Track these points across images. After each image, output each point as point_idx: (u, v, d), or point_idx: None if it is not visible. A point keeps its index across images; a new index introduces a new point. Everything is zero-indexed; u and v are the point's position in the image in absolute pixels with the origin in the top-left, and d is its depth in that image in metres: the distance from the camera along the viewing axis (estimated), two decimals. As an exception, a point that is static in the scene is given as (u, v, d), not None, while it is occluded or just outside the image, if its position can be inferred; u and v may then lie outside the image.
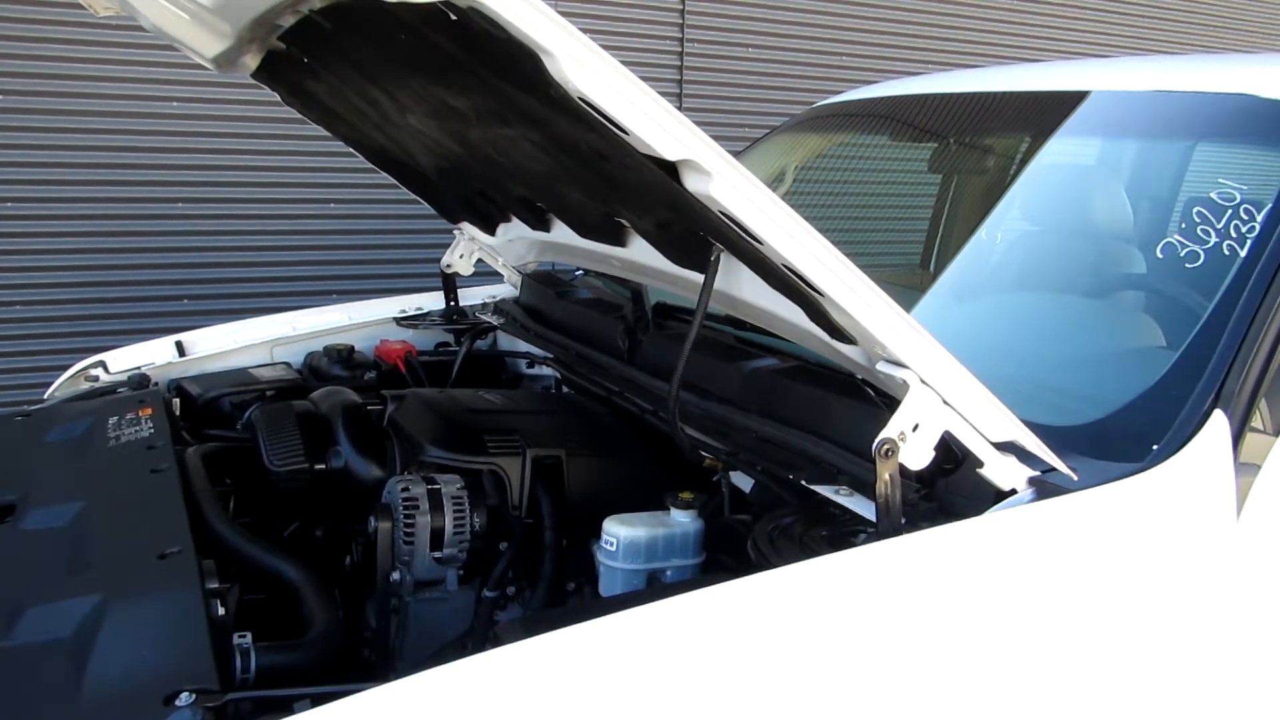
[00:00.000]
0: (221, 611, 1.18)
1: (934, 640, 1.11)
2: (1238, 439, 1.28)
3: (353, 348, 2.28)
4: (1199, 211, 1.52)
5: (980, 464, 1.19)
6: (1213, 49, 6.10)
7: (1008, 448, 1.20)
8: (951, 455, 1.22)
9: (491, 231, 2.35)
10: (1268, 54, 2.03)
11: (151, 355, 2.22)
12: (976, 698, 1.10)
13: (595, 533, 1.54)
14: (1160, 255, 1.65)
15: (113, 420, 1.76)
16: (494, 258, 2.48)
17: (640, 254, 1.65)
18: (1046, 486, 1.20)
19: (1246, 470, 1.29)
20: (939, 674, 1.09)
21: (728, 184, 1.05)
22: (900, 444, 1.15)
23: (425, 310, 2.53)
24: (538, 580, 1.65)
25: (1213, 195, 1.53)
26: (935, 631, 1.11)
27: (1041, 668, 1.14)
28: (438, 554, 1.59)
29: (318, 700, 0.94)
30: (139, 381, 2.09)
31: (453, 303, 2.53)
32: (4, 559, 1.33)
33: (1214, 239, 1.48)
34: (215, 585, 1.23)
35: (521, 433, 1.76)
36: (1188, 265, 1.52)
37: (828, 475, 1.36)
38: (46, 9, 3.68)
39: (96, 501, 1.45)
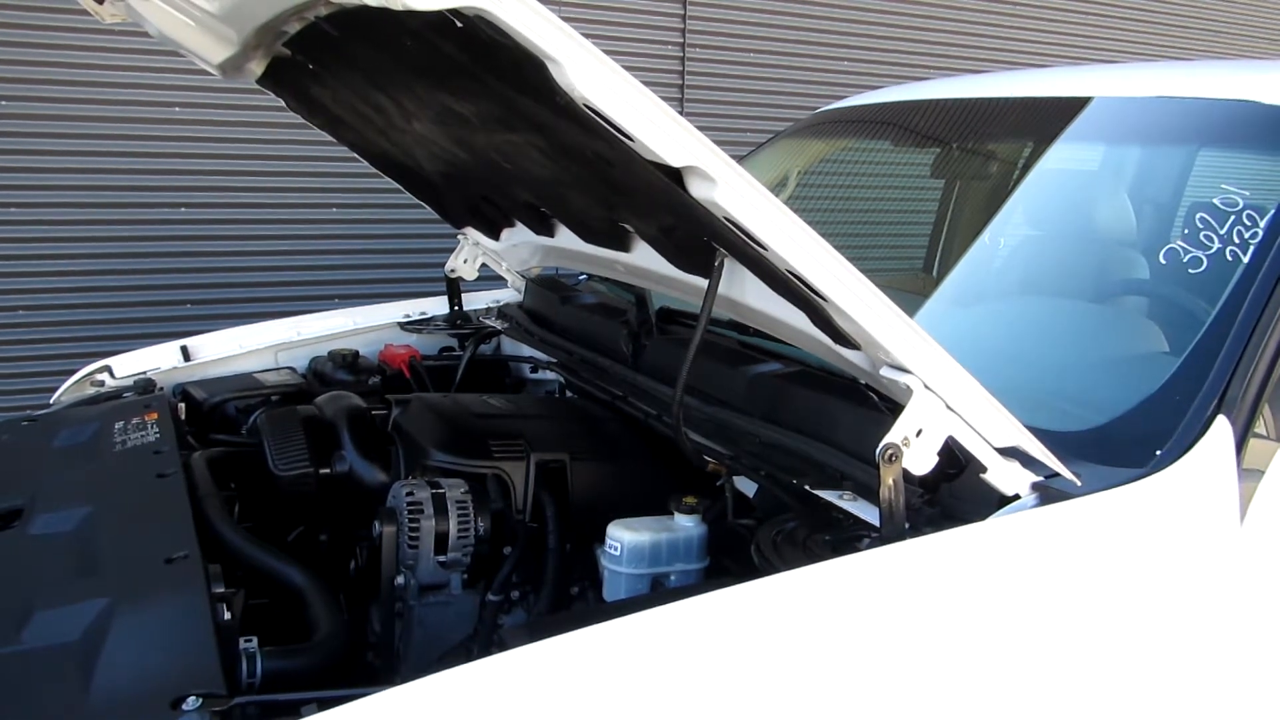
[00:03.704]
0: (227, 616, 1.18)
1: (937, 645, 1.11)
2: (1241, 444, 1.28)
3: (357, 353, 2.29)
4: (1202, 217, 1.53)
5: (984, 469, 1.19)
6: (1216, 55, 6.10)
7: (1011, 453, 1.20)
8: (955, 460, 1.22)
9: (495, 236, 2.36)
10: (1271, 61, 2.04)
11: (157, 360, 2.23)
12: (980, 702, 1.10)
13: (599, 537, 1.54)
14: (1163, 261, 1.65)
15: (118, 425, 1.77)
16: (498, 262, 2.49)
17: (644, 259, 1.66)
18: (1050, 492, 1.20)
19: (1250, 476, 1.30)
20: (943, 679, 1.09)
21: (732, 190, 1.05)
22: (904, 449, 1.16)
23: (429, 315, 2.54)
24: (542, 584, 1.65)
25: (1216, 201, 1.53)
26: (939, 636, 1.11)
27: (1045, 672, 1.14)
28: (442, 558, 1.59)
29: (324, 704, 0.95)
30: (144, 386, 2.10)
31: (457, 307, 2.53)
32: (12, 563, 1.33)
33: (1217, 245, 1.48)
34: (221, 590, 1.23)
35: (525, 437, 1.76)
36: (1190, 271, 1.52)
37: (831, 480, 1.36)
38: (53, 15, 3.69)
39: (103, 506, 1.45)
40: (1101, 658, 1.17)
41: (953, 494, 1.25)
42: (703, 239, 1.35)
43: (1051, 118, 1.93)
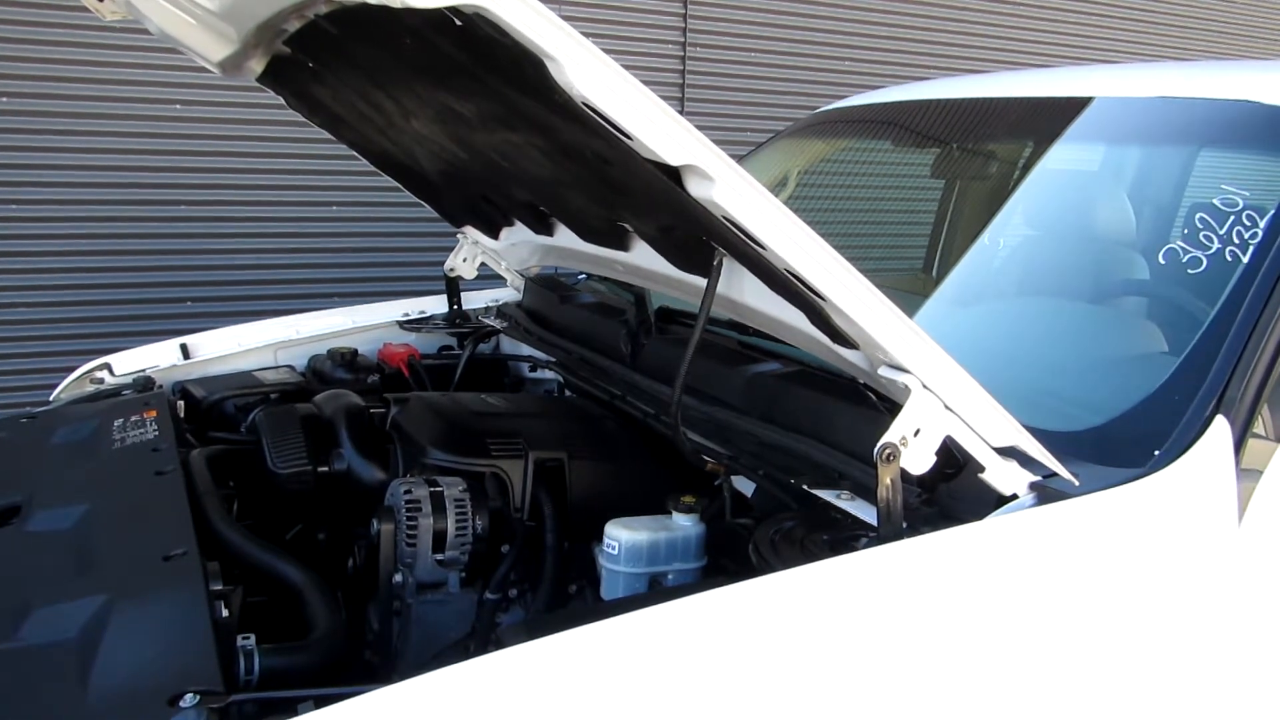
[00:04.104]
0: (225, 613, 1.18)
1: (935, 644, 1.11)
2: (1239, 445, 1.28)
3: (356, 351, 2.29)
4: (1201, 218, 1.53)
5: (982, 469, 1.19)
6: (1216, 55, 6.10)
7: (1009, 453, 1.20)
8: (953, 460, 1.22)
9: (495, 235, 2.36)
10: (1271, 61, 2.04)
11: (156, 358, 2.23)
12: (978, 702, 1.10)
13: (597, 536, 1.54)
14: (1163, 261, 1.65)
15: (118, 422, 1.77)
16: (497, 261, 2.49)
17: (643, 258, 1.66)
18: (1048, 492, 1.20)
19: (1248, 476, 1.30)
20: (940, 678, 1.09)
21: (731, 189, 1.05)
22: (902, 448, 1.16)
23: (428, 314, 2.54)
24: (539, 583, 1.65)
25: (1215, 201, 1.53)
26: (936, 636, 1.11)
27: (1043, 672, 1.15)
28: (440, 556, 1.59)
29: (321, 702, 0.95)
30: (144, 384, 2.10)
31: (456, 306, 2.53)
32: (10, 560, 1.33)
33: (1216, 245, 1.48)
34: (219, 587, 1.23)
35: (524, 436, 1.76)
36: (1190, 271, 1.52)
37: (829, 480, 1.36)
38: (53, 12, 3.69)
39: (102, 503, 1.45)
40: (1099, 658, 1.17)
41: (951, 494, 1.25)
42: (701, 238, 1.35)
43: (1052, 118, 1.93)
